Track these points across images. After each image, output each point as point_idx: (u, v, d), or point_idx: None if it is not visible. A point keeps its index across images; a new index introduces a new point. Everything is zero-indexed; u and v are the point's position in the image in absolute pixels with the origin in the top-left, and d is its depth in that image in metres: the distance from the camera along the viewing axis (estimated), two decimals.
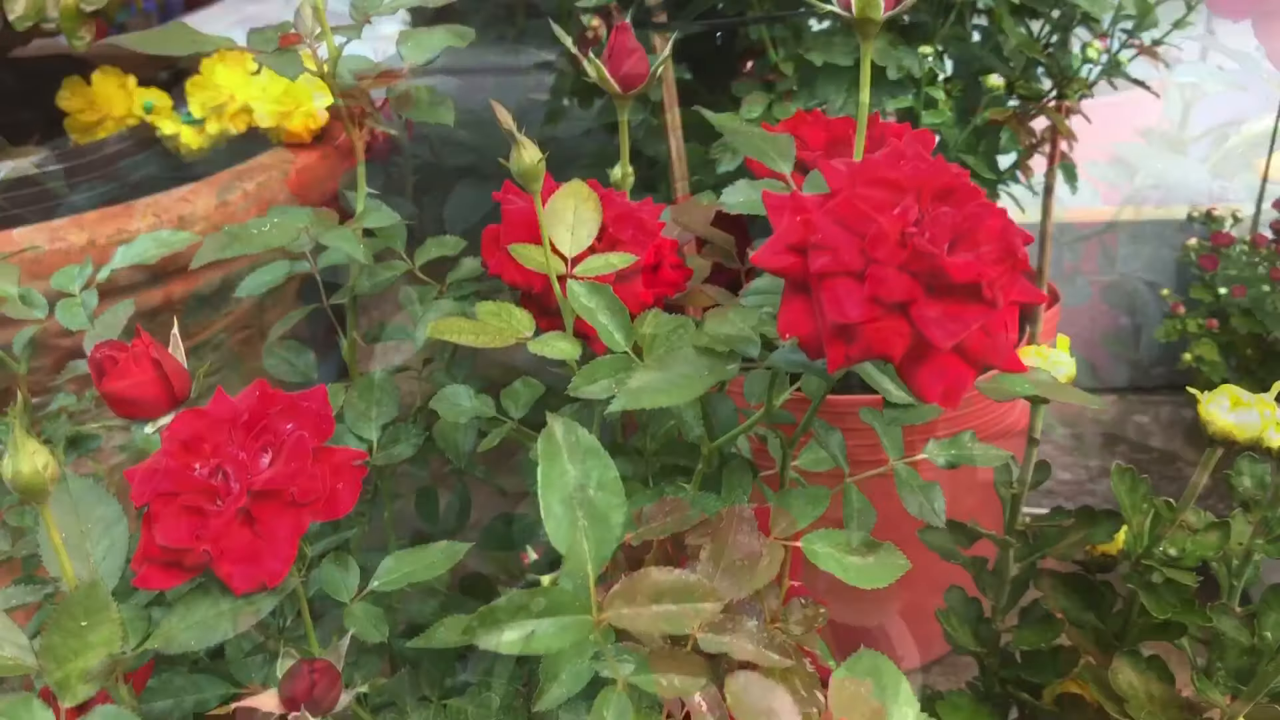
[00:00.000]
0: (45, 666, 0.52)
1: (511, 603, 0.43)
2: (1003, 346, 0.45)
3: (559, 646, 0.42)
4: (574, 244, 0.64)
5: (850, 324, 0.43)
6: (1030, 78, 1.09)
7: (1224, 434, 0.72)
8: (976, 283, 0.43)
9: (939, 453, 0.72)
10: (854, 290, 0.43)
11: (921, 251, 0.43)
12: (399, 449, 0.72)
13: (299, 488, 0.52)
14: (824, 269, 0.43)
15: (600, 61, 0.71)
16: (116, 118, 1.20)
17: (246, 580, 0.52)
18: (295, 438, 0.53)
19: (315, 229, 0.70)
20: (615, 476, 0.45)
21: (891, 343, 0.43)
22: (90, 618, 0.52)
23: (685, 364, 0.50)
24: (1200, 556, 0.82)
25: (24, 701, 0.52)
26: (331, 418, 0.55)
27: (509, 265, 0.68)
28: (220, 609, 0.52)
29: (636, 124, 1.08)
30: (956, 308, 0.43)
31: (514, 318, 0.63)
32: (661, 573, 0.44)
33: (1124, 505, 0.84)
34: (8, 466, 0.48)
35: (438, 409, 0.69)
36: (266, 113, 1.12)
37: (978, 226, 0.44)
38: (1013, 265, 0.44)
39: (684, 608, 0.44)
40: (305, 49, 0.71)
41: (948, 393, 0.44)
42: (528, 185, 0.59)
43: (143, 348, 0.57)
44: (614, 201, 0.70)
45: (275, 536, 0.52)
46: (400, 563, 0.63)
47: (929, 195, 0.45)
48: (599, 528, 0.44)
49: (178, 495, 0.52)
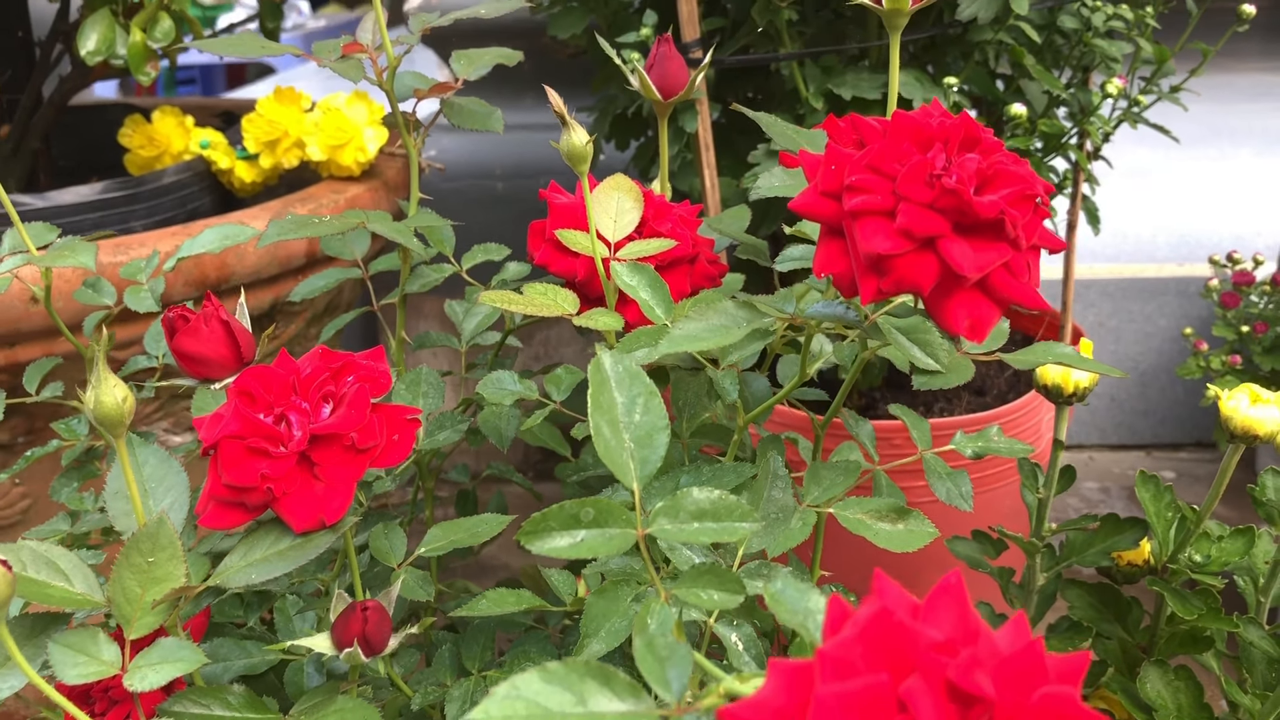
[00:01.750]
0: (113, 599, 0.55)
1: (563, 511, 0.45)
2: (1025, 287, 0.48)
3: (605, 552, 0.45)
4: (617, 230, 0.68)
5: (882, 256, 0.46)
6: (1051, 117, 1.13)
7: (1245, 429, 0.74)
8: (1000, 220, 0.46)
9: (966, 444, 0.74)
10: (885, 226, 0.46)
11: (949, 190, 0.46)
12: (444, 435, 0.75)
13: (359, 434, 0.55)
14: (857, 208, 0.47)
15: (644, 71, 0.75)
16: (174, 154, 1.26)
17: (306, 519, 0.54)
18: (355, 389, 0.56)
19: (371, 222, 0.74)
20: (659, 402, 0.47)
21: (921, 276, 0.46)
22: (157, 554, 0.55)
23: (723, 315, 0.53)
24: (1225, 562, 0.84)
25: (91, 634, 0.55)
26: (389, 375, 0.58)
27: (554, 256, 0.72)
28: (280, 547, 0.55)
29: (672, 157, 1.13)
30: (982, 244, 0.46)
31: (559, 296, 0.66)
32: (703, 492, 0.47)
33: (1149, 512, 0.85)
34: (90, 397, 0.51)
35: (483, 391, 0.72)
36: (319, 146, 1.17)
37: (1001, 172, 0.47)
38: (1034, 209, 0.48)
39: (724, 525, 0.46)
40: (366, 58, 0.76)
41: (974, 326, 0.47)
42: (576, 166, 0.63)
43: (212, 310, 0.60)
44: (654, 199, 0.74)
45: (334, 479, 0.55)
46: (445, 531, 0.66)
47: (955, 145, 0.48)
48: (643, 448, 0.47)
49: (244, 439, 0.55)
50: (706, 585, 0.47)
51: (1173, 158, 2.57)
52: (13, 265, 0.67)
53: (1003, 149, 0.48)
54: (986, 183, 0.47)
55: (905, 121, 0.49)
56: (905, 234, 0.46)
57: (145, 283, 0.75)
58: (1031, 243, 0.48)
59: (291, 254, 1.07)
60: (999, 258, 0.46)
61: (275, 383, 0.57)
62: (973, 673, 0.30)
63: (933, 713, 0.30)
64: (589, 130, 1.43)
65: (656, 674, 0.39)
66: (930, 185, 0.46)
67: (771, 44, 1.09)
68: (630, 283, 0.64)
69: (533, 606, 0.66)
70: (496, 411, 0.76)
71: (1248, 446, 0.75)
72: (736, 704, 0.31)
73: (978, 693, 0.30)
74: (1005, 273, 0.47)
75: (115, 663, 0.54)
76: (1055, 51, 1.14)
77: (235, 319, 0.62)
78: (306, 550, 0.54)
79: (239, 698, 0.57)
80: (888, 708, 0.30)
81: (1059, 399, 0.79)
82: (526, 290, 0.66)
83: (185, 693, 0.57)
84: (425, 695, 0.69)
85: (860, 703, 0.30)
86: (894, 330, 0.58)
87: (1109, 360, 1.83)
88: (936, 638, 0.31)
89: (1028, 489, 0.86)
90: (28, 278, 0.95)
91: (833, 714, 0.30)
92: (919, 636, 0.31)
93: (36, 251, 0.68)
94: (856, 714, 0.30)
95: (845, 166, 0.48)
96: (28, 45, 1.39)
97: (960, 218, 0.46)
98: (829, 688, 0.30)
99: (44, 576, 0.56)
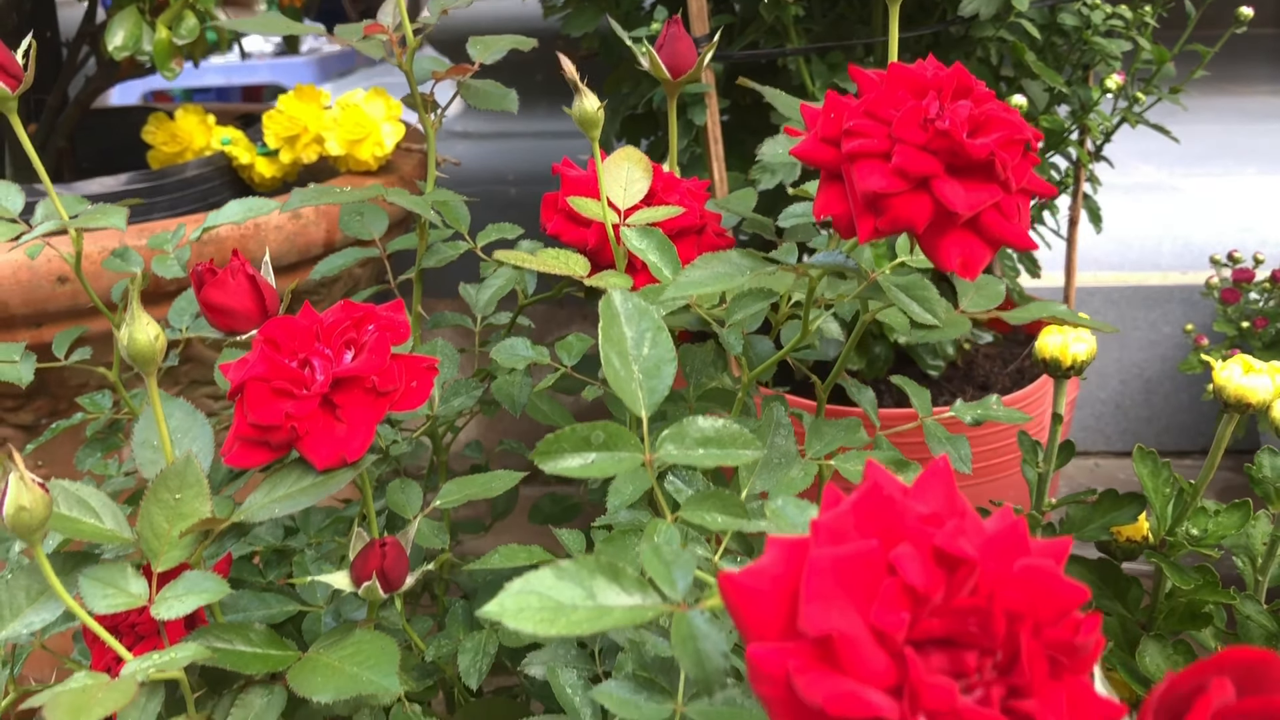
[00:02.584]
0: (141, 534, 0.57)
1: (575, 434, 0.48)
2: (1016, 227, 0.50)
3: (613, 472, 0.47)
4: (627, 198, 0.70)
5: (878, 195, 0.48)
6: (1053, 114, 1.16)
7: (1238, 397, 0.76)
8: (990, 161, 0.48)
9: (966, 411, 0.76)
10: (881, 167, 0.49)
11: (942, 132, 0.48)
12: (459, 401, 0.78)
13: (380, 377, 0.57)
14: (855, 151, 0.49)
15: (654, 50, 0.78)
16: (196, 150, 1.29)
17: (328, 457, 0.57)
18: (376, 336, 0.59)
19: (390, 194, 0.76)
20: (666, 336, 0.50)
21: (915, 214, 0.49)
22: (184, 491, 0.57)
23: (727, 264, 0.56)
24: (1221, 536, 0.85)
25: (120, 568, 0.57)
26: (408, 325, 0.61)
27: (565, 226, 0.74)
28: (303, 484, 0.57)
29: (681, 150, 1.15)
30: (973, 184, 0.49)
31: (571, 259, 0.68)
32: (708, 421, 0.49)
33: (1147, 487, 0.87)
34: (124, 334, 0.54)
35: (497, 357, 0.74)
36: (338, 141, 1.20)
37: (992, 118, 0.50)
38: (1023, 153, 0.50)
39: (728, 451, 0.48)
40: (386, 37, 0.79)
41: (966, 264, 0.49)
42: (588, 131, 0.66)
43: (239, 264, 0.63)
44: (663, 174, 0.76)
45: (355, 420, 0.57)
46: (460, 486, 0.68)
47: (949, 93, 0.51)
48: (651, 379, 0.49)
49: (269, 381, 0.57)
50: (711, 508, 0.49)
51: (1179, 174, 2.59)
52: (46, 229, 0.69)
53: (994, 98, 0.51)
54: (978, 127, 0.50)
55: (901, 72, 0.51)
56: (900, 174, 0.48)
57: (171, 252, 0.77)
58: (1021, 185, 0.50)
59: (311, 241, 1.10)
60: (990, 198, 0.49)
61: (299, 331, 0.60)
62: (958, 538, 0.32)
63: (920, 573, 0.32)
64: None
65: (663, 575, 0.41)
66: (924, 128, 0.49)
67: (779, 40, 1.12)
68: (640, 245, 0.66)
69: (543, 560, 0.68)
70: (509, 380, 0.78)
71: (1240, 415, 0.77)
72: (737, 573, 0.33)
73: (962, 555, 0.32)
74: (996, 213, 0.49)
75: (143, 595, 0.56)
76: (1056, 52, 1.17)
77: (260, 275, 0.64)
78: (328, 486, 0.56)
79: (260, 635, 0.59)
80: (877, 570, 0.32)
81: (1057, 372, 0.81)
82: (540, 253, 0.69)
83: (208, 629, 0.59)
84: (439, 648, 0.71)
85: (852, 566, 0.32)
86: (893, 287, 0.60)
87: (1114, 369, 1.85)
88: (925, 511, 0.34)
89: (1028, 464, 0.87)
90: (55, 257, 0.98)
91: (825, 575, 0.32)
92: (908, 510, 0.34)
93: (67, 218, 0.70)
94: (848, 575, 0.32)
95: (844, 114, 0.51)
96: (55, 46, 1.43)
97: (953, 159, 0.49)
98: (823, 551, 0.32)
99: (76, 514, 0.58)
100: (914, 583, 0.32)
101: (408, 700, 0.67)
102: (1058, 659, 0.33)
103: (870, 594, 0.32)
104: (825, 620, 0.31)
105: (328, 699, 0.53)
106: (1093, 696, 0.33)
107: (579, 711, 0.57)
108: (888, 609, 0.31)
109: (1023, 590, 0.32)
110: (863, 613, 0.32)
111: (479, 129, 2.20)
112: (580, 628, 0.38)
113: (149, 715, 0.57)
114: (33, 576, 0.58)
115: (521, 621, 0.39)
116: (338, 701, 0.60)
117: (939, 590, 0.32)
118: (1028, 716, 0.32)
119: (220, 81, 3.68)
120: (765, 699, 0.32)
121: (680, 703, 0.48)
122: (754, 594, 0.33)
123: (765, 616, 0.33)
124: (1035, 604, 0.32)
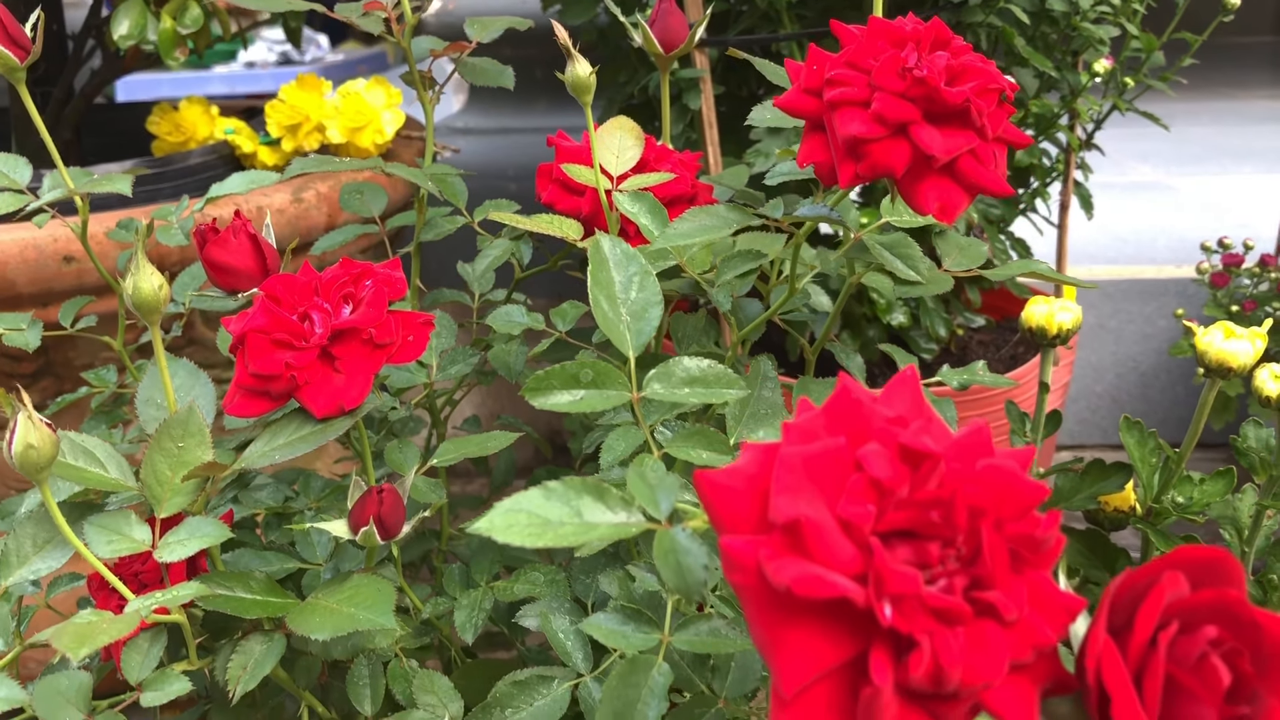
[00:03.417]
0: (145, 481, 0.58)
1: (565, 371, 0.49)
2: (992, 173, 0.52)
3: (602, 408, 0.48)
4: (619, 165, 0.72)
5: (858, 140, 0.50)
6: (1041, 99, 1.17)
7: (1219, 362, 0.77)
8: (966, 108, 0.50)
9: (953, 376, 0.78)
10: (861, 114, 0.50)
11: (919, 80, 0.50)
12: (456, 369, 0.79)
13: (376, 330, 0.59)
14: (836, 99, 0.51)
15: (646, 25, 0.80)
16: (199, 139, 1.31)
17: (326, 405, 0.58)
18: (373, 291, 0.60)
19: (388, 168, 0.78)
20: (653, 280, 0.51)
21: (894, 160, 0.50)
22: (187, 439, 0.59)
23: (713, 216, 0.58)
24: (1206, 503, 0.87)
25: (124, 516, 0.59)
26: (405, 281, 0.62)
27: (560, 195, 0.76)
28: (302, 432, 0.59)
29: (677, 136, 1.17)
30: (950, 131, 0.50)
31: (564, 224, 0.70)
32: (693, 361, 0.50)
33: (1133, 456, 0.89)
34: (129, 284, 0.55)
35: (493, 324, 0.76)
36: (339, 129, 1.22)
37: (969, 68, 0.51)
38: (998, 102, 0.52)
39: (712, 390, 0.50)
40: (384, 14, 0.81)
41: (944, 208, 0.51)
42: (580, 96, 0.68)
43: (240, 224, 0.65)
44: (655, 145, 0.78)
45: (353, 371, 0.59)
46: (456, 445, 0.69)
47: (927, 45, 0.52)
48: (638, 321, 0.51)
49: (269, 333, 0.59)
50: (696, 445, 0.51)
51: (1175, 173, 2.61)
52: (53, 197, 0.71)
53: (971, 50, 0.53)
54: (955, 77, 0.51)
55: (881, 25, 0.53)
56: (879, 120, 0.50)
57: (175, 223, 0.79)
58: (997, 134, 0.52)
59: (313, 225, 1.12)
60: (966, 143, 0.50)
61: (299, 287, 0.61)
62: (922, 436, 0.34)
63: (886, 468, 0.33)
64: (598, 118, 1.48)
65: (647, 496, 0.43)
66: (903, 77, 0.50)
67: (773, 26, 1.14)
68: (631, 209, 0.68)
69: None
70: (506, 349, 0.80)
71: (1223, 379, 0.79)
72: (713, 471, 0.35)
73: (926, 451, 0.34)
74: (972, 159, 0.51)
75: (146, 540, 0.58)
76: (1046, 39, 1.19)
77: (261, 235, 0.66)
78: (326, 433, 0.58)
79: (260, 582, 0.61)
80: (845, 467, 0.34)
81: (1043, 340, 0.83)
82: (534, 217, 0.70)
83: (209, 575, 0.60)
84: (435, 606, 0.72)
85: (820, 462, 0.34)
86: (878, 245, 0.62)
87: (1110, 361, 1.86)
88: (891, 413, 0.35)
89: (1016, 434, 0.89)
90: (62, 237, 1.00)
91: (795, 470, 0.33)
92: (875, 412, 0.35)
93: (73, 185, 0.72)
94: (817, 471, 0.34)
95: (826, 65, 0.52)
96: (61, 40, 1.45)
97: (930, 106, 0.50)
98: (793, 449, 0.34)
99: (82, 463, 0.60)
100: (880, 477, 0.33)
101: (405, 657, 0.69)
102: (1019, 553, 0.34)
103: (838, 488, 0.33)
104: (794, 509, 0.32)
105: (325, 637, 0.54)
106: (1053, 590, 0.34)
107: (571, 655, 0.59)
108: (854, 501, 0.33)
109: (985, 487, 0.34)
110: (830, 505, 0.33)
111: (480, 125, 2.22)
112: (566, 540, 0.40)
113: (152, 659, 0.59)
114: (39, 525, 0.60)
115: (510, 535, 0.40)
116: (336, 644, 0.61)
117: (904, 485, 0.33)
118: (989, 606, 0.33)
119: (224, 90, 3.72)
120: (738, 588, 0.33)
121: (667, 633, 0.50)
122: (728, 491, 0.34)
123: (739, 512, 0.34)
124: (997, 500, 0.34)
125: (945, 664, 0.32)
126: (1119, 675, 0.33)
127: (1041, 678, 0.35)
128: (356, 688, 0.65)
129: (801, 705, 0.32)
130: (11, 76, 0.69)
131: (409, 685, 0.66)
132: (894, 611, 0.32)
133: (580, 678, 0.57)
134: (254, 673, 0.59)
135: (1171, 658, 0.34)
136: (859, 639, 0.33)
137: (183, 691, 0.57)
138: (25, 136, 1.30)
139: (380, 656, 0.67)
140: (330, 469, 1.19)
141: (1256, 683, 0.34)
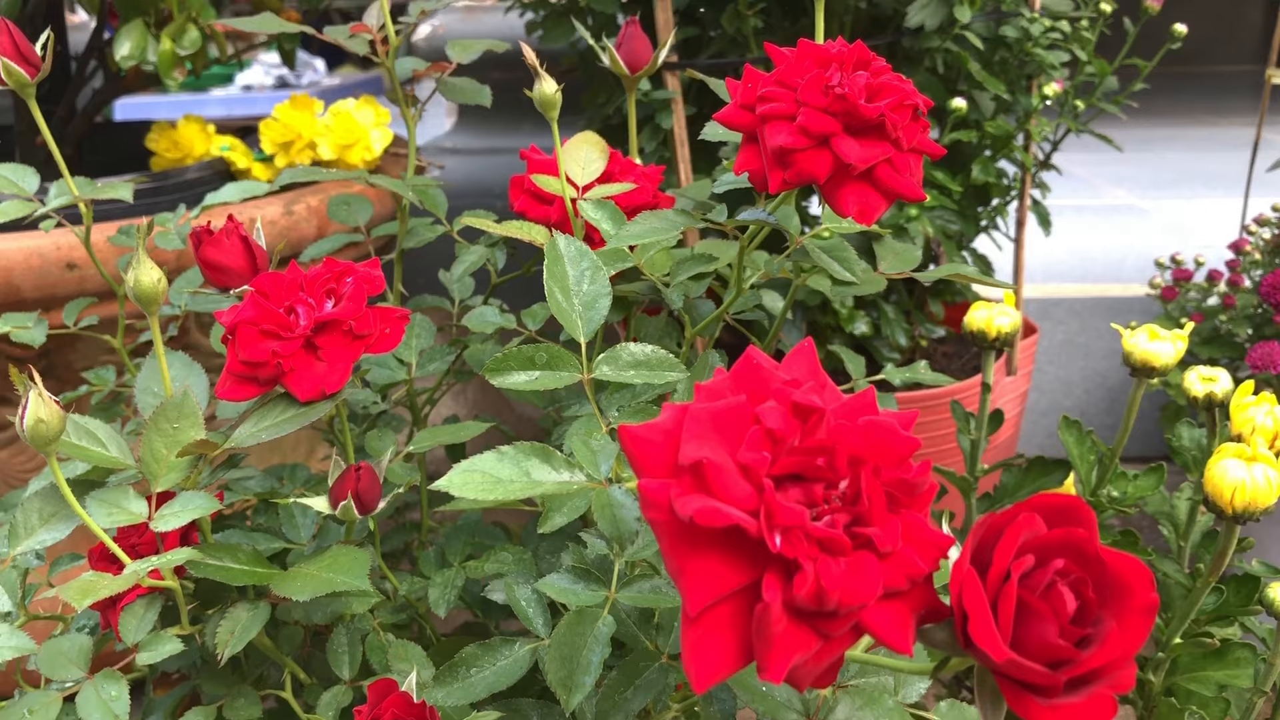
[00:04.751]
0: (143, 459, 0.64)
1: (521, 354, 0.55)
2: (907, 181, 0.58)
3: (554, 386, 0.54)
4: (585, 176, 0.78)
5: (785, 150, 0.56)
6: (998, 121, 1.24)
7: (1143, 361, 0.83)
8: (882, 123, 0.56)
9: (895, 374, 0.84)
10: (788, 126, 0.56)
11: (840, 96, 0.56)
12: (434, 366, 0.85)
13: (356, 322, 0.65)
14: (767, 113, 0.57)
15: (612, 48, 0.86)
16: (196, 156, 1.37)
17: (309, 390, 0.64)
18: (354, 286, 0.66)
19: (372, 180, 0.84)
20: (604, 274, 0.57)
21: (817, 168, 0.56)
22: (181, 421, 0.65)
23: (661, 220, 0.63)
24: (1139, 497, 0.92)
25: (122, 490, 0.64)
26: (383, 279, 0.68)
27: (531, 204, 0.82)
28: (287, 414, 0.64)
29: (650, 154, 1.23)
30: (868, 142, 0.56)
31: (533, 229, 0.76)
32: (639, 346, 0.56)
33: (1072, 454, 0.94)
34: (130, 276, 0.61)
35: (469, 324, 0.82)
36: (329, 145, 1.28)
37: (887, 86, 0.57)
38: (914, 118, 0.58)
39: (656, 373, 0.56)
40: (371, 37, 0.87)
41: (862, 211, 0.57)
42: (547, 112, 0.74)
43: (233, 226, 0.70)
44: (620, 158, 0.84)
45: (335, 359, 0.64)
46: (432, 434, 0.75)
47: (850, 66, 0.58)
48: (589, 310, 0.56)
49: (258, 324, 0.64)
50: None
51: (1149, 198, 2.68)
52: (59, 203, 0.77)
53: (890, 70, 0.59)
54: (874, 94, 0.57)
55: (809, 48, 0.59)
56: (804, 132, 0.56)
57: (173, 229, 0.85)
58: (912, 145, 0.58)
59: (303, 236, 1.18)
60: (882, 154, 0.56)
61: (286, 283, 0.67)
62: (811, 395, 0.40)
63: (779, 420, 0.39)
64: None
65: (590, 460, 0.48)
66: (826, 94, 0.56)
67: (741, 51, 1.20)
68: (594, 215, 0.74)
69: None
70: (481, 348, 0.86)
71: (1148, 378, 0.84)
72: (634, 425, 0.41)
73: (814, 406, 0.39)
74: (889, 167, 0.57)
75: (142, 513, 0.63)
76: (1003, 65, 1.25)
77: (252, 237, 0.72)
78: (309, 415, 0.64)
79: (247, 554, 0.66)
80: (746, 421, 0.40)
81: (983, 343, 0.89)
82: (506, 223, 0.76)
83: (200, 546, 0.66)
84: (412, 584, 0.78)
85: (725, 416, 0.40)
86: (817, 249, 0.67)
87: (1079, 377, 1.92)
88: (788, 377, 0.41)
89: (962, 433, 0.95)
90: (65, 245, 1.06)
91: (703, 423, 0.39)
92: (775, 376, 0.41)
93: (77, 192, 0.78)
94: (721, 424, 0.39)
95: (758, 83, 0.58)
96: (64, 61, 1.51)
97: (850, 120, 0.56)
98: (701, 405, 0.40)
99: (84, 443, 0.65)
100: (774, 427, 0.39)
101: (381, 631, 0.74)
102: (895, 496, 0.40)
103: (739, 439, 0.39)
104: (699, 454, 0.38)
105: (305, 598, 0.60)
106: (926, 528, 0.40)
107: (532, 620, 0.64)
108: (751, 448, 0.39)
109: (865, 438, 0.40)
110: (732, 452, 0.39)
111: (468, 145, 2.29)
112: (515, 494, 0.46)
113: (147, 623, 0.64)
114: (45, 500, 0.65)
115: (466, 490, 0.46)
116: (316, 607, 0.67)
117: (794, 435, 0.39)
118: (867, 539, 0.39)
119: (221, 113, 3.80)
120: (653, 524, 0.39)
121: (613, 590, 0.55)
122: (647, 443, 0.40)
123: (656, 460, 0.40)
124: (876, 450, 0.40)
125: (826, 586, 0.37)
126: (978, 599, 0.39)
127: (917, 605, 0.40)
128: (336, 654, 0.70)
129: (706, 622, 0.38)
130: (22, 92, 0.75)
131: (385, 655, 0.71)
132: (783, 540, 0.37)
133: (540, 640, 0.63)
134: (240, 637, 0.64)
135: (1024, 585, 0.39)
136: (754, 566, 0.38)
137: (175, 651, 0.62)
138: (29, 152, 1.36)
139: (359, 629, 0.73)
140: (318, 465, 1.24)
141: (1099, 609, 0.40)
